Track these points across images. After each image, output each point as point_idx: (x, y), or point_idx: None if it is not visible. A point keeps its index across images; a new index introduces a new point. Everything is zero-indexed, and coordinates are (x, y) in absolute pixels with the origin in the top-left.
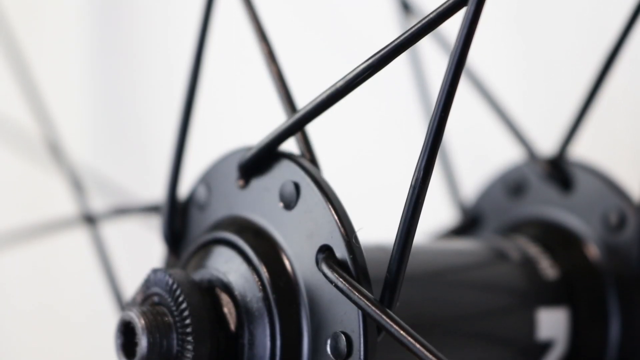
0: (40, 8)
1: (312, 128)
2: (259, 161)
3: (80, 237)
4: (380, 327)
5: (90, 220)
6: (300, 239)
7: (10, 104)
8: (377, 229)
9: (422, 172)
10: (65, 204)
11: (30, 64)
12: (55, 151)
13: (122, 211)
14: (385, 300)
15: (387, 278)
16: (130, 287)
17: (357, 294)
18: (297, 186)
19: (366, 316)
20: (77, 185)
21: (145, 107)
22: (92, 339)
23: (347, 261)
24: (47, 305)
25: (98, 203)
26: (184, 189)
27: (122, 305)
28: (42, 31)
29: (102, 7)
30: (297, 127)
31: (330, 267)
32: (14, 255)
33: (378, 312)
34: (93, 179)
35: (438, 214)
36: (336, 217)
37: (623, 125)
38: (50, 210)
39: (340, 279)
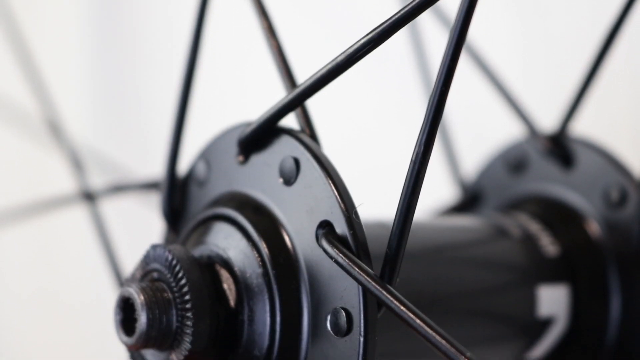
0: None
1: (312, 103)
2: (259, 137)
3: (79, 215)
4: (381, 303)
5: (89, 197)
6: (300, 214)
7: (11, 84)
8: (377, 206)
9: (422, 147)
10: (65, 183)
11: (30, 44)
12: (55, 130)
13: (120, 188)
14: (386, 276)
15: (388, 254)
16: (129, 264)
17: (357, 269)
18: (297, 162)
19: (366, 292)
20: (77, 164)
21: (145, 85)
22: (92, 315)
23: (347, 237)
24: (46, 284)
25: (98, 181)
26: (183, 166)
27: (121, 282)
28: (42, 12)
29: None
30: (297, 102)
31: (330, 242)
32: (14, 233)
33: (378, 287)
34: (93, 157)
35: (438, 192)
36: (336, 193)
37: (624, 101)
38: (51, 189)
39: (340, 255)
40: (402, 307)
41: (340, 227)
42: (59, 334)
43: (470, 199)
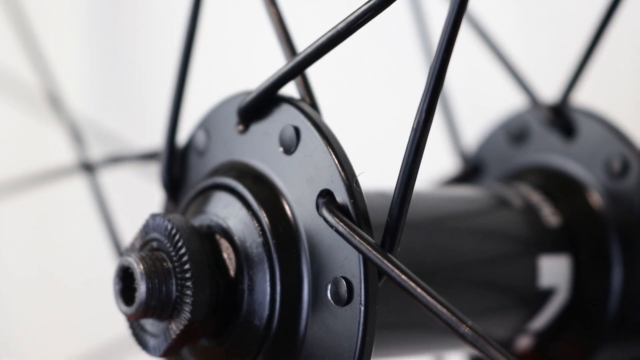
0: None
1: (313, 72)
2: (259, 105)
3: (79, 187)
4: (381, 272)
5: (87, 168)
6: (300, 183)
7: (10, 57)
8: (377, 176)
9: (423, 115)
10: (65, 155)
11: (29, 16)
12: (55, 102)
13: (119, 159)
14: (387, 245)
15: (388, 222)
16: (129, 235)
17: (357, 238)
18: (297, 130)
19: (367, 261)
20: (77, 136)
21: (145, 56)
22: (91, 286)
23: (348, 205)
24: (45, 255)
25: (97, 154)
26: (182, 135)
27: (121, 252)
28: None
29: None
30: (297, 70)
31: (330, 211)
32: (14, 205)
33: (379, 256)
34: (92, 129)
35: (439, 163)
36: (337, 161)
37: (626, 71)
38: (51, 161)
39: (341, 224)
40: (403, 276)
41: (341, 196)
42: (57, 303)
43: (471, 170)
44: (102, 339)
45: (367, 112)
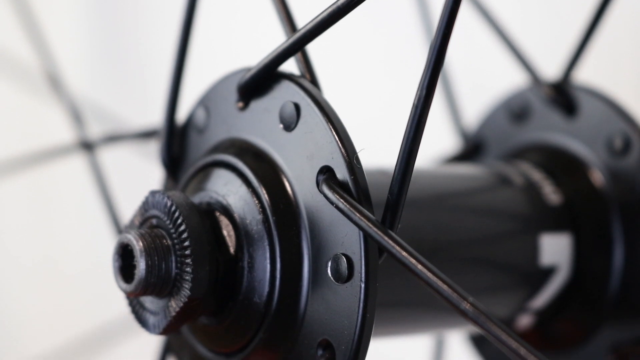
0: None
1: (313, 48)
2: (259, 82)
3: (78, 166)
4: (382, 249)
5: (87, 146)
6: (300, 160)
7: (10, 37)
8: (378, 154)
9: (424, 91)
10: (65, 135)
11: None
12: (55, 83)
13: (118, 137)
14: (387, 222)
15: (389, 199)
16: (128, 215)
17: (358, 215)
18: (297, 107)
19: (367, 237)
20: (76, 116)
21: (144, 36)
22: (91, 264)
23: (348, 182)
24: (44, 233)
25: (97, 132)
26: (182, 113)
27: (120, 230)
28: None
29: None
30: (297, 47)
31: (331, 188)
32: (13, 183)
33: (379, 233)
34: (92, 109)
35: (440, 142)
36: (337, 138)
37: (628, 49)
38: (50, 141)
39: (341, 200)
40: (403, 253)
41: (341, 173)
42: (56, 281)
43: (472, 149)
44: (101, 320)
45: (368, 89)
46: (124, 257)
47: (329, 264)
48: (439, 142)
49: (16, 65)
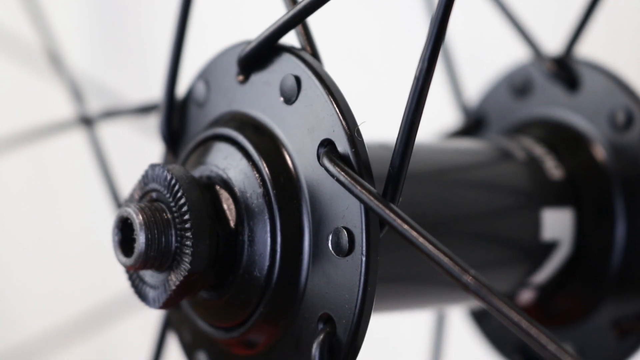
0: None
1: (313, 21)
2: (259, 55)
3: (78, 142)
4: (383, 222)
5: (86, 122)
6: (301, 133)
7: (11, 15)
8: (378, 128)
9: (426, 63)
10: (65, 112)
11: None
12: (55, 59)
13: (117, 112)
14: (388, 195)
15: (390, 172)
16: (127, 190)
17: (359, 187)
18: (297, 80)
19: (368, 210)
20: (76, 92)
21: (143, 11)
22: (90, 238)
23: (349, 155)
24: (43, 209)
25: (96, 108)
26: (182, 87)
27: (119, 204)
28: None
29: None
30: (297, 19)
31: (331, 161)
32: (15, 159)
33: (381, 206)
34: (92, 86)
35: (441, 117)
36: (338, 111)
37: (630, 23)
38: (51, 118)
39: (342, 173)
40: (405, 226)
41: (342, 146)
42: (56, 255)
43: (474, 124)
44: (100, 298)
45: (369, 62)
46: (124, 231)
47: (330, 237)
48: (440, 118)
49: (17, 43)
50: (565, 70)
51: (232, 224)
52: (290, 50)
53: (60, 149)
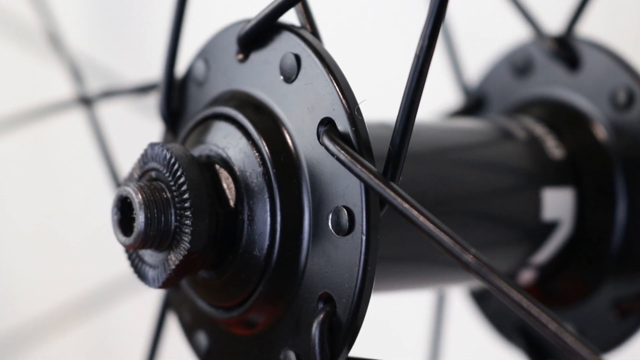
0: None
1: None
2: (259, 33)
3: (77, 122)
4: (383, 201)
5: (85, 101)
6: (301, 112)
7: None
8: (378, 108)
9: (426, 41)
10: (64, 92)
11: None
12: (54, 40)
13: (116, 92)
14: (389, 173)
15: (390, 151)
16: (127, 170)
17: (359, 166)
18: (297, 58)
19: (369, 189)
20: (76, 73)
21: None
22: (91, 218)
23: (349, 133)
24: (44, 192)
25: (96, 88)
26: (181, 66)
27: (119, 183)
28: None
29: None
30: None
31: (331, 139)
32: (14, 139)
33: (381, 184)
34: (92, 66)
35: (441, 97)
36: (338, 89)
37: (631, 2)
38: (50, 98)
39: (342, 152)
40: (405, 205)
41: (342, 124)
42: (55, 235)
43: (474, 103)
44: (100, 279)
45: (369, 41)
46: (123, 210)
47: (330, 216)
48: (440, 98)
49: (16, 23)
50: (566, 49)
51: (231, 203)
52: (290, 28)
53: (59, 129)
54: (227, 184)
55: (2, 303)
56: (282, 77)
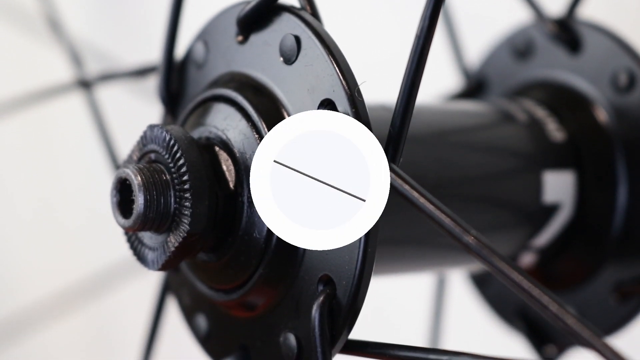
0: None
1: None
2: (259, 15)
3: (76, 106)
4: None
5: (84, 84)
6: (301, 93)
7: None
8: (379, 90)
9: (427, 22)
10: (63, 75)
11: None
12: (54, 25)
13: (115, 75)
14: (389, 155)
15: (391, 132)
16: (126, 153)
17: None
18: (297, 39)
19: None
20: (75, 56)
21: None
22: (90, 199)
23: (350, 115)
24: (43, 175)
25: (95, 71)
26: (181, 49)
27: (118, 165)
28: None
29: None
30: None
31: None
32: (14, 123)
33: None
34: (91, 50)
35: (441, 81)
36: (338, 70)
37: None
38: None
39: None
40: (405, 186)
41: (342, 106)
42: (53, 217)
43: (475, 86)
44: (100, 263)
45: (369, 22)
46: (122, 192)
47: None
48: (441, 81)
49: (15, 7)
50: (567, 31)
51: (231, 185)
52: (289, 9)
53: (58, 113)
54: (227, 166)
55: (1, 288)
56: (282, 59)
